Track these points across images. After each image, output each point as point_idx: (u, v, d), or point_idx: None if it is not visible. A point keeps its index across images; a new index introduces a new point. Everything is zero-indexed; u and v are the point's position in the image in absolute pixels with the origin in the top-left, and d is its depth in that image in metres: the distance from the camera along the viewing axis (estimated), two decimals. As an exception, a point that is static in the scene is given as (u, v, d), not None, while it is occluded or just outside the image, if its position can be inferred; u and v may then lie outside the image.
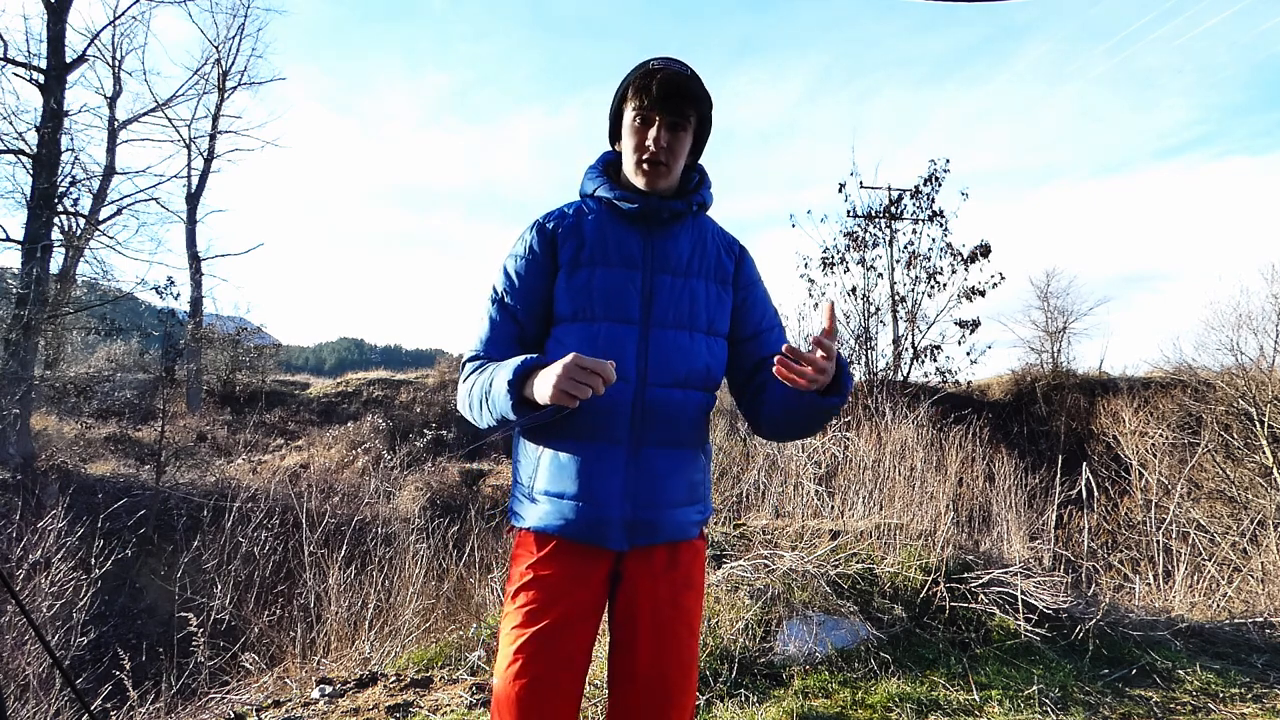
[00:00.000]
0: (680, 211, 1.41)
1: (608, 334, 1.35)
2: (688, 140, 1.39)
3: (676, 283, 1.40)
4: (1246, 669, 3.05)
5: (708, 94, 1.39)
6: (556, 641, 1.31)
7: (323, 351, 72.17)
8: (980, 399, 16.35)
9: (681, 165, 1.41)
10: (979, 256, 14.19)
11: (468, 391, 1.34)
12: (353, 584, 4.17)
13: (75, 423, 14.14)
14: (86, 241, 13.93)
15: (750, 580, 3.23)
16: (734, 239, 1.54)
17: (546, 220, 1.44)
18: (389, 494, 11.47)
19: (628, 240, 1.40)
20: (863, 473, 4.51)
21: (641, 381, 1.34)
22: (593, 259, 1.38)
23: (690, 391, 1.39)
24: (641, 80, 1.36)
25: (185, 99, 17.48)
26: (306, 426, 16.77)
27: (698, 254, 1.44)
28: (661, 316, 1.37)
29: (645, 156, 1.37)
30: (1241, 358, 12.44)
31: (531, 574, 1.35)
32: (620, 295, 1.36)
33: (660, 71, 1.34)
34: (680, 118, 1.36)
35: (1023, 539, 4.55)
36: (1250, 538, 6.24)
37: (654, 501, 1.35)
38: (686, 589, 1.41)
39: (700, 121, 1.41)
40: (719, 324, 1.44)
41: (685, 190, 1.46)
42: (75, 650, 4.26)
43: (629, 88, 1.38)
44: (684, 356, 1.37)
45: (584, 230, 1.41)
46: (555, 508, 1.35)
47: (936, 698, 2.69)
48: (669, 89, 1.34)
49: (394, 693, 2.96)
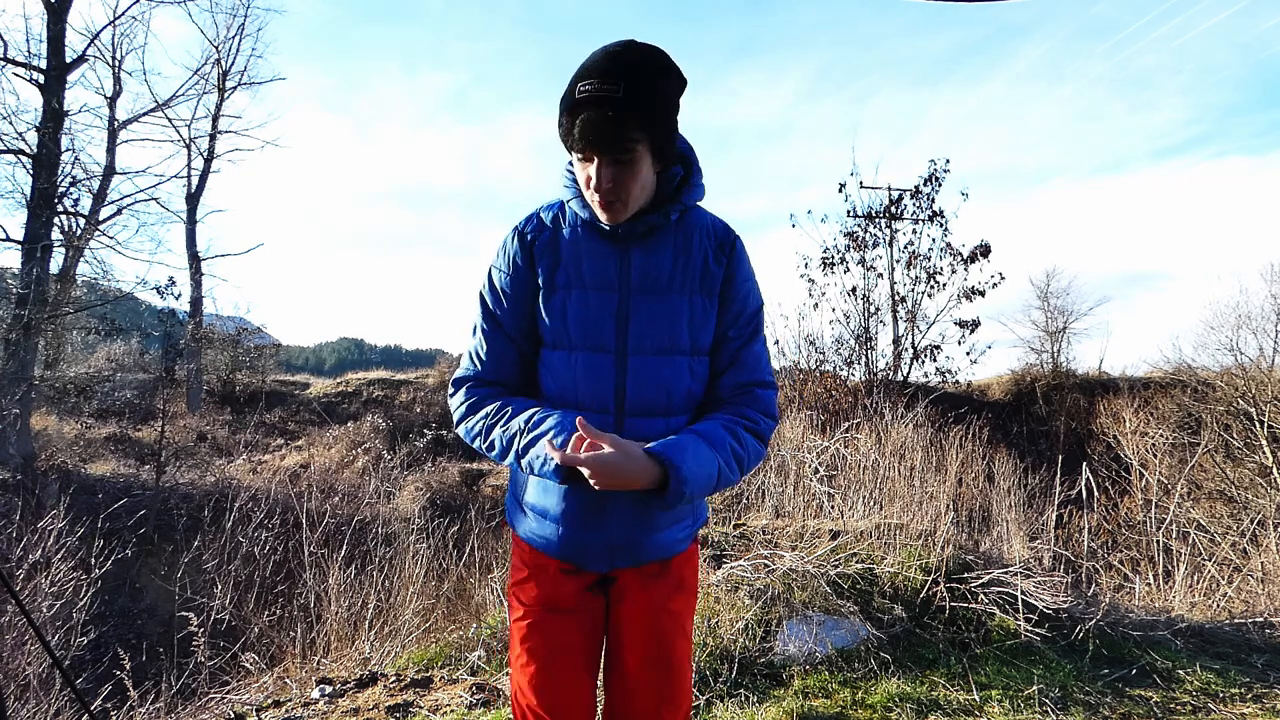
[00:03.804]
0: (657, 225, 1.30)
1: (584, 363, 1.29)
2: (640, 165, 1.22)
3: (656, 304, 1.30)
4: (1246, 669, 3.05)
5: (652, 102, 1.18)
6: (558, 629, 1.35)
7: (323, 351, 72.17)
8: (980, 399, 16.35)
9: (643, 189, 1.26)
10: (979, 256, 14.20)
11: (481, 427, 1.29)
12: (353, 584, 4.17)
13: (75, 423, 14.14)
14: (86, 241, 13.92)
15: (750, 580, 3.23)
16: (727, 233, 1.39)
17: (526, 228, 1.36)
18: (389, 494, 11.47)
19: (603, 259, 1.30)
20: (863, 473, 4.51)
21: (619, 412, 1.28)
22: (568, 282, 1.31)
23: (674, 419, 1.32)
24: (567, 121, 1.19)
25: (185, 99, 17.48)
26: (306, 426, 16.77)
27: (681, 266, 1.32)
28: (639, 343, 1.29)
29: (597, 198, 1.24)
30: (1241, 358, 12.47)
31: (527, 570, 1.39)
32: (595, 322, 1.29)
33: (583, 110, 1.16)
34: (620, 152, 1.19)
35: (1023, 539, 4.55)
36: (1250, 538, 6.24)
37: (636, 528, 1.32)
38: (678, 592, 1.40)
39: (653, 134, 1.21)
40: (703, 340, 1.35)
41: (665, 195, 1.32)
42: (75, 650, 4.25)
43: (562, 115, 1.20)
44: (662, 385, 1.30)
45: (560, 248, 1.32)
46: (540, 525, 1.36)
47: (936, 698, 2.69)
48: (596, 134, 1.16)
49: (394, 693, 2.96)
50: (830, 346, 13.53)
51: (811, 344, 11.09)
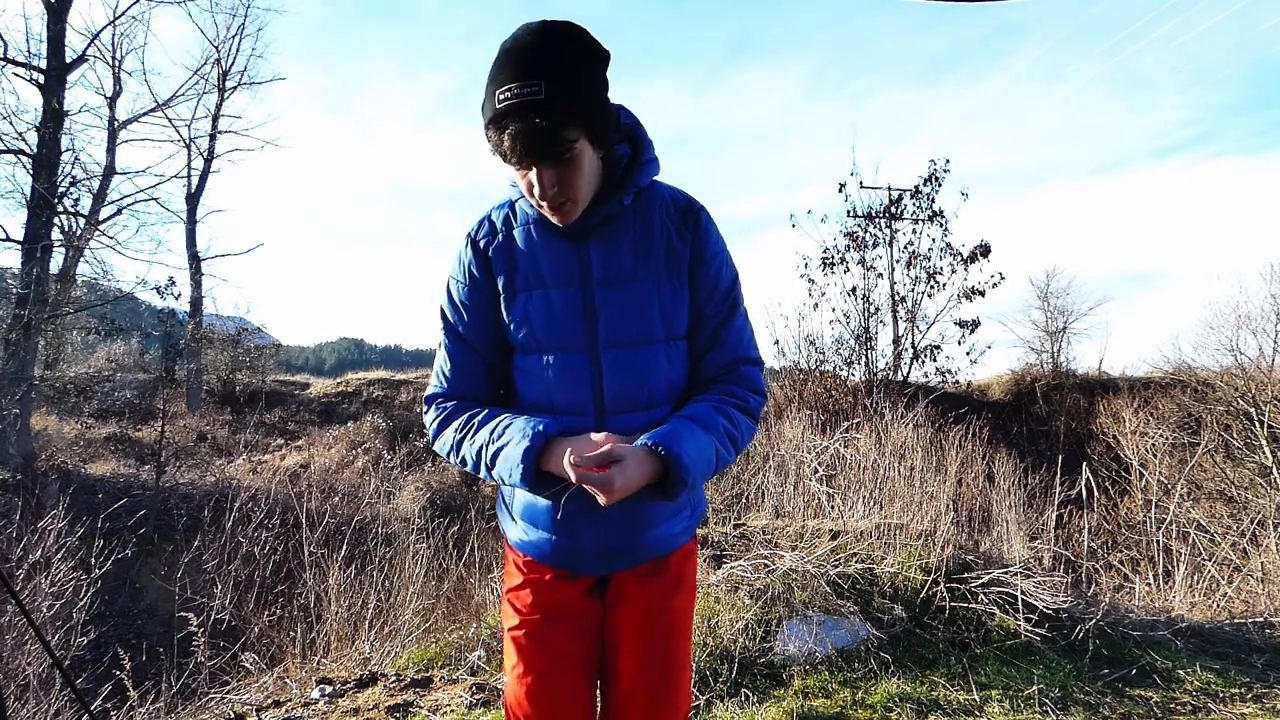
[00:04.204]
0: (613, 214, 1.24)
1: (558, 365, 1.24)
2: (582, 161, 1.14)
3: (622, 294, 1.24)
4: (1246, 669, 3.05)
5: (580, 90, 1.08)
6: (555, 638, 1.31)
7: (323, 351, 72.21)
8: (980, 399, 16.35)
9: (589, 184, 1.19)
10: (979, 256, 14.23)
11: (452, 442, 1.27)
12: (353, 584, 4.17)
13: (75, 423, 14.14)
14: (86, 241, 13.93)
15: (750, 580, 3.23)
16: (689, 205, 1.30)
17: (478, 235, 1.30)
18: (389, 494, 11.47)
19: (561, 256, 1.24)
20: (862, 473, 4.51)
21: (599, 411, 1.24)
22: (528, 284, 1.26)
23: (655, 410, 1.27)
24: (495, 135, 1.10)
25: (185, 99, 17.50)
26: (306, 426, 16.78)
27: (642, 251, 1.25)
28: (610, 336, 1.24)
29: (543, 206, 1.17)
30: (1241, 358, 12.48)
31: (521, 576, 1.35)
32: (562, 322, 1.24)
33: (509, 121, 1.06)
34: (558, 154, 1.10)
35: (1023, 539, 4.55)
36: (1250, 538, 6.24)
37: (628, 530, 1.28)
38: (677, 590, 1.36)
39: (590, 123, 1.12)
40: (676, 325, 1.29)
41: (615, 176, 1.24)
42: (75, 650, 4.25)
43: (488, 127, 1.11)
44: (641, 378, 1.25)
45: (515, 250, 1.27)
46: (531, 536, 1.32)
47: (936, 698, 2.69)
48: (528, 145, 1.08)
49: (394, 693, 2.96)
50: (830, 346, 13.56)
51: (811, 344, 11.10)
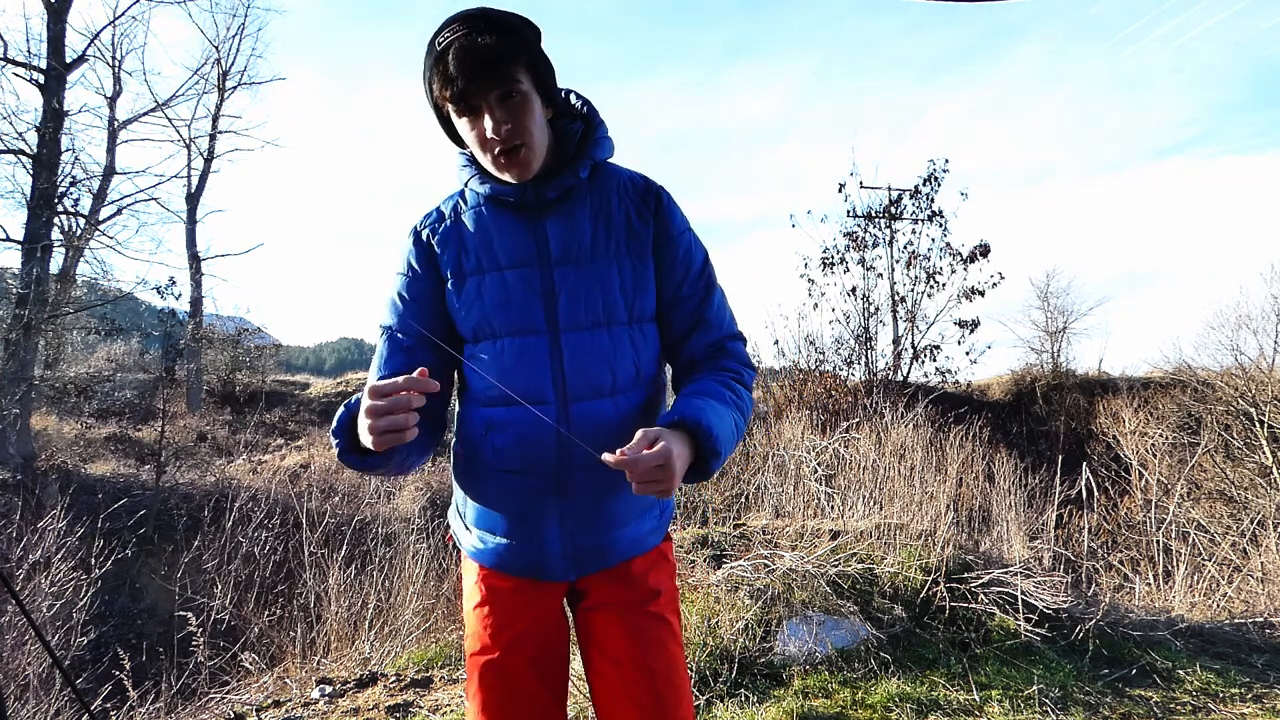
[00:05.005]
0: (571, 186, 1.18)
1: (514, 350, 1.16)
2: (532, 102, 1.11)
3: (582, 273, 1.17)
4: (1246, 669, 3.05)
5: (521, 33, 1.09)
6: (518, 666, 1.21)
7: (323, 351, 72.17)
8: (980, 399, 16.35)
9: (544, 131, 1.16)
10: (978, 256, 14.24)
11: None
12: (353, 584, 4.17)
13: (75, 423, 14.14)
14: (86, 241, 13.93)
15: (750, 580, 3.23)
16: (649, 185, 1.26)
17: (422, 226, 1.24)
18: (389, 494, 11.47)
19: (516, 233, 1.18)
20: (862, 473, 4.52)
21: (562, 398, 1.15)
22: (479, 266, 1.18)
23: (622, 397, 1.18)
24: (438, 68, 1.08)
25: (185, 99, 17.51)
26: (307, 426, 16.78)
27: (602, 228, 1.19)
28: (571, 318, 1.16)
29: (497, 151, 1.11)
30: (1241, 358, 12.46)
31: (480, 593, 1.24)
32: (519, 303, 1.16)
33: (450, 47, 1.06)
34: (507, 84, 1.08)
35: (1023, 539, 4.55)
36: (1250, 538, 6.24)
37: (596, 527, 1.19)
38: (657, 593, 1.26)
39: (533, 67, 1.11)
40: (642, 306, 1.21)
41: (569, 151, 1.20)
42: (75, 650, 4.25)
43: (432, 82, 1.11)
44: (605, 361, 1.16)
45: (463, 233, 1.20)
46: (489, 543, 1.23)
47: (936, 698, 2.69)
48: (474, 63, 1.06)
49: (394, 693, 2.96)
50: (830, 346, 13.57)
51: (811, 344, 11.11)
